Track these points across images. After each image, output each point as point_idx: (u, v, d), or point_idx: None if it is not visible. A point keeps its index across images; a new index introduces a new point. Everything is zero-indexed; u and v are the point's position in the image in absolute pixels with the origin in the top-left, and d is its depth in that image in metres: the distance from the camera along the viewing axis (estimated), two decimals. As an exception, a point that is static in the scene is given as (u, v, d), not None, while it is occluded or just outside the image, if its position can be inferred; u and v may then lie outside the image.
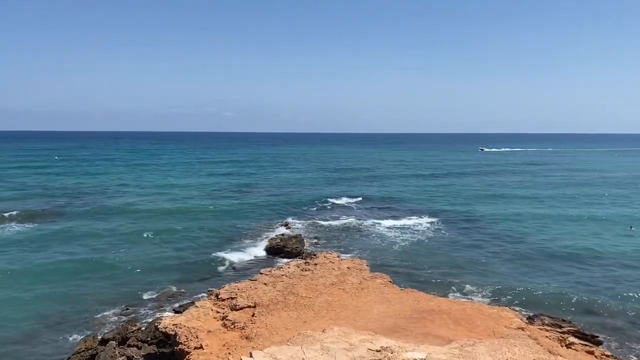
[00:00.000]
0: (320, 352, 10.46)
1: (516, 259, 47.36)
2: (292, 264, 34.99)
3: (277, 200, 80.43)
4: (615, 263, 45.82)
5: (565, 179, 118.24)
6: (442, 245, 51.98)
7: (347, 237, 55.82)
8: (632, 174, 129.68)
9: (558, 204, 79.15)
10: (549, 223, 63.51)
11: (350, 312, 26.60)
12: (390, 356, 9.99)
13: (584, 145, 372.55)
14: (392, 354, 10.07)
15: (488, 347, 14.20)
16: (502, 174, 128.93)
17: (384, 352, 10.33)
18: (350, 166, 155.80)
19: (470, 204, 78.83)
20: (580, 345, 25.65)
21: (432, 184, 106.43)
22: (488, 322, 25.63)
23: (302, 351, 10.44)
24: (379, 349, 10.70)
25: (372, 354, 10.47)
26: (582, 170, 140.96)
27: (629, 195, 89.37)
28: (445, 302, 28.09)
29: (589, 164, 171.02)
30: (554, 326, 28.32)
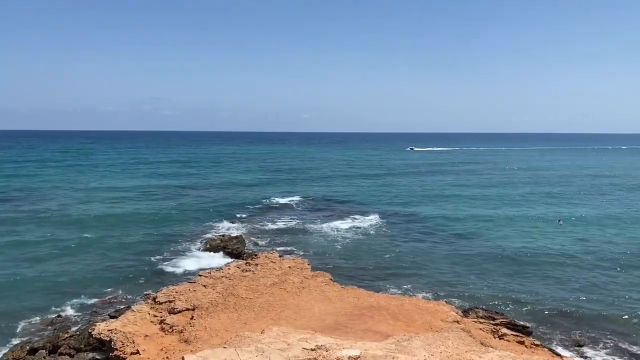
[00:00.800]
0: (255, 353, 10.39)
1: (453, 255, 48.83)
2: (233, 264, 34.61)
3: (218, 201, 79.25)
4: (545, 257, 48.12)
5: (499, 177, 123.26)
6: (383, 243, 52.87)
7: (290, 236, 55.75)
8: (560, 172, 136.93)
9: (493, 203, 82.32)
10: (485, 221, 65.87)
11: (291, 312, 26.61)
12: (325, 354, 10.05)
13: (515, 144, 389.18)
14: (327, 352, 10.14)
15: (423, 341, 14.58)
16: (438, 173, 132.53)
17: (318, 350, 10.39)
18: (293, 166, 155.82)
19: (410, 202, 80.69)
20: (512, 335, 26.85)
21: (373, 183, 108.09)
22: (425, 317, 26.34)
23: (237, 353, 10.33)
24: (314, 347, 10.74)
25: (307, 353, 10.50)
26: (516, 169, 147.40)
27: (558, 193, 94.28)
28: (384, 298, 28.62)
29: (522, 162, 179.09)
30: (487, 318, 29.44)
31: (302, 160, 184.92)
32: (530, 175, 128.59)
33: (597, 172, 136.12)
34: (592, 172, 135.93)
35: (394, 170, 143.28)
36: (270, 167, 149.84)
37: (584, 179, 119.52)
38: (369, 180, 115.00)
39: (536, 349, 24.96)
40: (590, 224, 63.54)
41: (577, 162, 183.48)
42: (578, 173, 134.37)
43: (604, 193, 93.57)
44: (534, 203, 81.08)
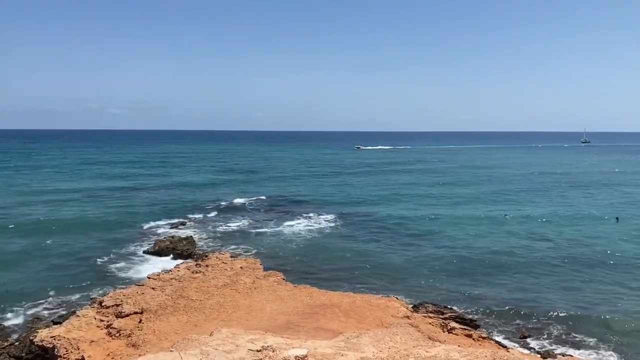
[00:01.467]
0: (200, 356, 10.20)
1: (405, 252, 49.65)
2: (182, 266, 33.93)
3: (168, 202, 77.61)
4: (492, 254, 49.60)
5: (449, 176, 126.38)
6: (337, 242, 53.17)
7: (242, 237, 55.26)
8: (507, 170, 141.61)
9: (443, 201, 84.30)
10: (436, 219, 67.26)
11: (242, 312, 26.34)
12: (272, 355, 9.98)
13: (461, 143, 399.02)
14: (274, 353, 10.07)
15: (372, 338, 14.72)
16: (389, 172, 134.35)
17: (264, 351, 10.31)
18: (247, 165, 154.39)
19: (363, 201, 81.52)
20: (461, 329, 27.50)
21: (326, 182, 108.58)
22: (377, 313, 26.62)
23: (181, 357, 10.10)
24: (259, 348, 10.65)
25: (253, 354, 10.40)
26: (464, 168, 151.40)
27: (505, 191, 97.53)
28: (336, 296, 28.75)
29: (470, 161, 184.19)
30: (437, 313, 30.07)
31: (255, 159, 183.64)
32: (478, 173, 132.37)
33: (542, 170, 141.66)
34: (538, 170, 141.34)
35: (347, 169, 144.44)
36: (223, 166, 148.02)
37: (529, 176, 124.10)
38: (322, 179, 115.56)
39: (483, 341, 25.68)
40: (536, 221, 65.91)
41: (523, 159, 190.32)
42: (524, 171, 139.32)
43: (548, 190, 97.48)
44: (481, 201, 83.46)
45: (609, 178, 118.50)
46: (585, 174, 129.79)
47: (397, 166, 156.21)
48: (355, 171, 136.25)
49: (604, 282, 40.28)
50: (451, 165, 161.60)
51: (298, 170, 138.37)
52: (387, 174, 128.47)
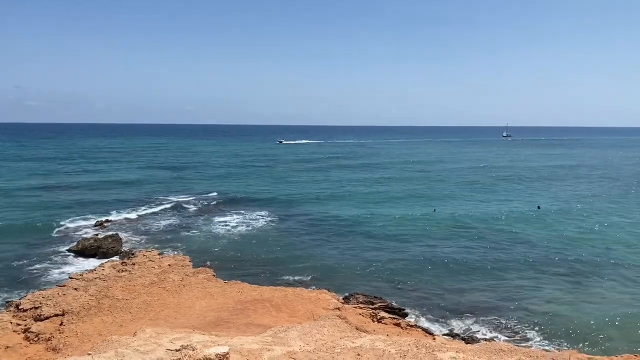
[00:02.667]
0: (114, 358, 9.84)
1: (337, 245, 50.23)
2: (107, 265, 32.63)
3: (93, 200, 74.27)
4: (420, 244, 51.26)
5: (377, 170, 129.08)
6: (269, 237, 52.97)
7: (172, 234, 53.90)
8: (435, 165, 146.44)
9: (376, 194, 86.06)
10: (368, 212, 68.48)
11: (171, 311, 25.71)
12: (192, 354, 9.78)
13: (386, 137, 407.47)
14: (194, 352, 9.88)
15: (299, 331, 14.80)
16: (319, 168, 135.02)
17: (184, 350, 10.09)
18: (176, 160, 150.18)
19: (296, 196, 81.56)
20: (390, 318, 28.20)
21: (257, 178, 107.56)
22: (308, 306, 26.79)
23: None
24: (179, 348, 10.43)
25: (171, 354, 10.16)
26: (391, 162, 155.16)
27: (434, 185, 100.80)
28: (268, 291, 28.66)
29: (399, 156, 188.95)
30: (367, 304, 30.67)
31: (185, 154, 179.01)
32: (408, 168, 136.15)
33: (469, 164, 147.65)
34: (464, 164, 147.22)
35: (277, 164, 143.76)
36: (152, 162, 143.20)
37: (456, 170, 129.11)
38: (253, 174, 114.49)
39: (411, 329, 26.46)
40: (462, 213, 68.56)
41: (451, 153, 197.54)
42: (453, 165, 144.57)
43: (473, 182, 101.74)
44: (411, 194, 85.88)
45: (531, 170, 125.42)
46: (509, 167, 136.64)
47: (328, 161, 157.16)
48: (285, 166, 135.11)
49: (525, 269, 42.50)
50: (380, 159, 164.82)
51: (228, 165, 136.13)
52: (319, 170, 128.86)
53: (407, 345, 13.51)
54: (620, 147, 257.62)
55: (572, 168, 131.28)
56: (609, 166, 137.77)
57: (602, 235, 54.04)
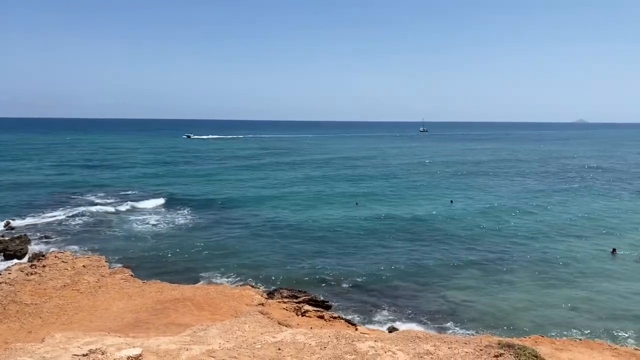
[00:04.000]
0: (14, 368, 9.24)
1: (260, 240, 49.99)
2: (14, 268, 30.61)
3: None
4: (344, 235, 52.11)
5: (298, 162, 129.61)
6: (190, 235, 51.79)
7: (85, 234, 51.27)
8: (352, 157, 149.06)
9: (296, 186, 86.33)
10: (290, 205, 68.79)
11: (85, 314, 24.56)
12: (101, 358, 9.38)
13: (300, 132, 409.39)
14: (103, 356, 9.48)
15: (220, 329, 14.59)
16: (235, 163, 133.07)
17: (92, 355, 9.65)
18: (92, 156, 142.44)
19: (216, 192, 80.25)
20: (314, 311, 28.48)
21: (174, 174, 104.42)
22: (231, 303, 26.51)
23: (-10, 371, 9.06)
24: (86, 352, 9.96)
25: (78, 359, 9.69)
26: (309, 154, 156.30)
27: (356, 176, 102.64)
28: (189, 289, 28.07)
29: (317, 148, 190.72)
30: (291, 298, 30.78)
31: (100, 150, 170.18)
32: (326, 158, 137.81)
33: (387, 157, 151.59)
34: (383, 156, 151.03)
35: (187, 159, 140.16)
36: (65, 158, 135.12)
37: (377, 163, 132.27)
38: (173, 171, 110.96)
39: (334, 321, 26.86)
40: (382, 204, 70.47)
41: (373, 148, 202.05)
42: (373, 159, 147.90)
43: (395, 175, 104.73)
44: (335, 187, 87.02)
45: (447, 164, 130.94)
46: (426, 160, 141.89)
47: (246, 159, 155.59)
48: (205, 163, 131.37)
49: (441, 260, 44.26)
50: (298, 152, 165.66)
51: (145, 161, 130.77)
52: (238, 166, 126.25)
53: (327, 337, 13.69)
54: (529, 140, 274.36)
55: (484, 162, 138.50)
56: (519, 160, 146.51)
57: (511, 226, 57.39)
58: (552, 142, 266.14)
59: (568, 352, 20.87)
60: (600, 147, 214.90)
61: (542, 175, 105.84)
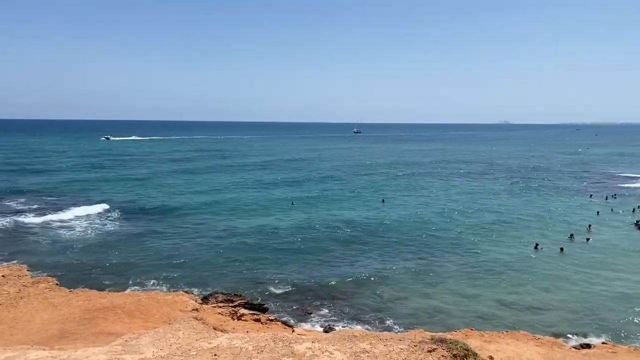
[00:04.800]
0: None
1: (195, 244, 48.94)
2: None
3: None
4: (279, 238, 51.96)
5: (234, 165, 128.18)
6: (120, 241, 49.86)
7: (7, 242, 48.15)
8: (289, 159, 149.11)
9: (230, 189, 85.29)
10: (224, 208, 67.74)
11: (5, 327, 23.06)
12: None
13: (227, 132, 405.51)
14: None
15: (152, 337, 14.14)
16: (158, 164, 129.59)
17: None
18: (13, 159, 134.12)
19: (147, 196, 77.85)
20: (250, 315, 28.21)
21: (98, 176, 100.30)
22: (164, 309, 25.78)
23: None
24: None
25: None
26: (244, 156, 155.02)
27: (290, 177, 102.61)
28: (119, 297, 27.02)
29: (249, 149, 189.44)
30: (227, 302, 30.34)
31: (26, 153, 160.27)
32: (263, 161, 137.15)
33: (321, 158, 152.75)
34: (318, 158, 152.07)
35: (122, 162, 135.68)
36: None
37: (310, 163, 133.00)
38: (101, 174, 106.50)
39: (270, 324, 26.73)
40: (317, 205, 70.91)
41: (309, 150, 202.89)
42: (307, 160, 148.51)
43: (333, 177, 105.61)
44: (268, 187, 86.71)
45: (383, 165, 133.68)
46: (359, 161, 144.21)
47: (176, 162, 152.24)
48: (126, 165, 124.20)
49: (377, 258, 45.06)
50: (234, 155, 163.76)
51: (70, 164, 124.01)
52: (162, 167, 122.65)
53: (264, 341, 13.59)
54: (459, 141, 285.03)
55: (418, 163, 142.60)
56: (450, 160, 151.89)
57: (442, 225, 59.36)
58: (480, 142, 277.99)
59: (496, 344, 21.87)
60: (525, 147, 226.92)
61: (471, 175, 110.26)
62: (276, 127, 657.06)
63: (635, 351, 21.95)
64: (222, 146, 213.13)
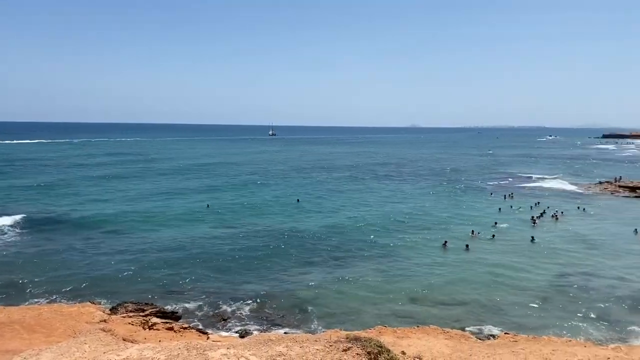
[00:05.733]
0: None
1: (101, 251, 46.68)
2: None
3: None
4: (193, 243, 50.67)
5: (142, 169, 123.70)
6: (19, 251, 46.43)
7: None
8: (196, 163, 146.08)
9: (145, 196, 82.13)
10: (135, 214, 65.03)
11: None
12: None
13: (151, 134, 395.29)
14: None
15: (55, 352, 13.24)
16: (61, 170, 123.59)
17: None
18: None
19: (47, 202, 73.03)
20: (162, 323, 27.27)
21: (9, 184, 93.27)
22: (69, 322, 24.30)
23: None
24: None
25: None
26: (150, 160, 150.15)
27: (199, 182, 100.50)
28: (17, 311, 25.09)
29: (162, 153, 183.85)
30: (137, 311, 29.10)
31: None
32: (173, 165, 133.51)
33: (232, 161, 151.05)
34: (226, 161, 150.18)
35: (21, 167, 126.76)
36: None
37: (219, 167, 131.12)
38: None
39: (184, 332, 26.00)
40: (221, 209, 69.60)
41: (222, 152, 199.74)
42: (217, 164, 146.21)
43: (247, 180, 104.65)
44: (175, 193, 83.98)
45: (296, 166, 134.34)
46: (276, 164, 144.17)
47: (80, 160, 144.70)
48: (25, 170, 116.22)
49: (291, 259, 45.26)
50: (142, 159, 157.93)
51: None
52: (63, 169, 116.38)
53: (177, 350, 13.16)
54: (373, 143, 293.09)
55: (335, 166, 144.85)
56: (364, 162, 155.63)
57: (356, 225, 60.60)
58: (394, 145, 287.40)
59: (408, 339, 22.65)
60: (437, 150, 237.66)
61: (385, 177, 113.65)
62: (190, 130, 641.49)
63: (533, 339, 23.58)
64: (132, 149, 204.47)
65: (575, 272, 41.99)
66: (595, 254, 47.68)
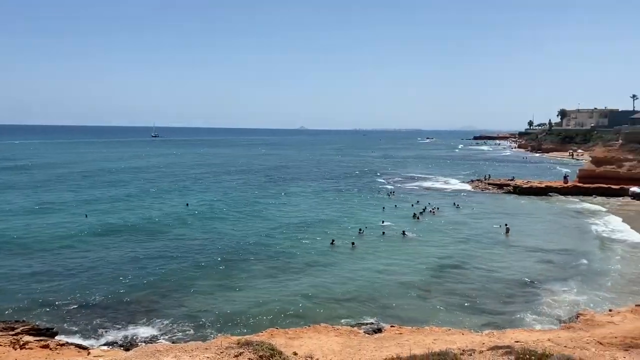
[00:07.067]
0: None
1: None
2: None
3: None
4: (69, 252, 47.34)
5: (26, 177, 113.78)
6: None
7: None
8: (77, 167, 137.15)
9: (48, 206, 75.36)
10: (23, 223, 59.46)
11: None
12: None
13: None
14: None
15: None
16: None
17: None
18: None
19: None
20: (36, 341, 25.15)
21: None
22: None
23: None
24: None
25: None
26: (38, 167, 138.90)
27: (79, 185, 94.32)
28: None
29: (32, 161, 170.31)
30: (7, 330, 26.59)
31: None
32: (45, 173, 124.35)
33: (111, 165, 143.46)
34: (108, 165, 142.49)
35: None
36: None
37: (106, 171, 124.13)
38: None
39: (61, 349, 24.21)
40: (112, 214, 66.18)
41: (101, 155, 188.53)
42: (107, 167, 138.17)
43: (129, 183, 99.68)
44: (63, 203, 78.61)
45: (179, 168, 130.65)
46: (156, 167, 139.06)
47: None
48: None
49: (181, 265, 43.57)
50: (9, 165, 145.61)
51: None
52: None
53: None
54: (261, 145, 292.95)
55: (214, 165, 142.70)
56: (244, 163, 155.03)
57: (243, 227, 60.10)
58: (285, 147, 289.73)
59: (300, 339, 22.98)
60: (321, 152, 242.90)
61: (274, 180, 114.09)
62: (64, 131, 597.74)
63: (417, 330, 25.01)
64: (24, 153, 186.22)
65: (452, 264, 45.07)
66: (467, 248, 51.57)
